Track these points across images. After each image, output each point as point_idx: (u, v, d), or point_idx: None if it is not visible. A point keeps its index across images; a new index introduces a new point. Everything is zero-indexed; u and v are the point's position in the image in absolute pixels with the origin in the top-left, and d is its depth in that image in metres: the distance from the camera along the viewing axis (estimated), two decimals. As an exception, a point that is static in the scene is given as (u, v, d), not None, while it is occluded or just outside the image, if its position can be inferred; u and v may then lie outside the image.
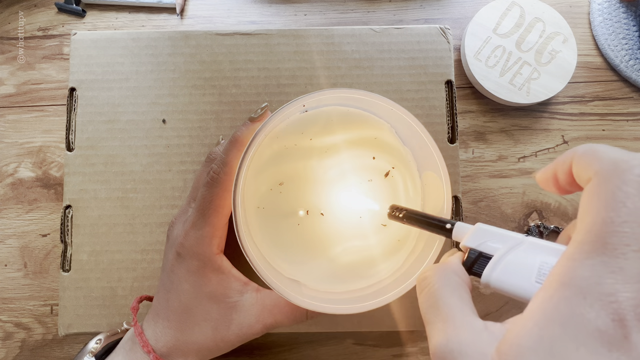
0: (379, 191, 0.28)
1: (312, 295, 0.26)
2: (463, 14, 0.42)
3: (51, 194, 0.39)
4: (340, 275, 0.28)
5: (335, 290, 0.27)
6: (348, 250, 0.28)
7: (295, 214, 0.28)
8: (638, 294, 0.12)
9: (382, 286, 0.26)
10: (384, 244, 0.28)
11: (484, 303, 0.38)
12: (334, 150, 0.29)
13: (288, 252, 0.28)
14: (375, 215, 0.28)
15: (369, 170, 0.29)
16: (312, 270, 0.28)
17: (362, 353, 0.37)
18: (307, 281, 0.27)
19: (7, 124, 0.40)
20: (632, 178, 0.13)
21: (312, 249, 0.28)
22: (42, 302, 0.38)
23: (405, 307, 0.32)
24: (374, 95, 0.26)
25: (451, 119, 0.34)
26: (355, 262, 0.28)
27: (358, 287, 0.27)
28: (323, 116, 0.28)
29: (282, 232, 0.28)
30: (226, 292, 0.27)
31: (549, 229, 0.39)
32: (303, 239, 0.28)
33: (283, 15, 0.42)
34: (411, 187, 0.28)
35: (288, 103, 0.25)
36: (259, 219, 0.28)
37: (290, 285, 0.26)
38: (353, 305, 0.25)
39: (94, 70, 0.34)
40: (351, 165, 0.29)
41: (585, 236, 0.14)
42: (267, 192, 0.28)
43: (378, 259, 0.28)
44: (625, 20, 0.41)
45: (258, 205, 0.28)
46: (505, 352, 0.14)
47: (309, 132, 0.28)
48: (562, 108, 0.41)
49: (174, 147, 0.34)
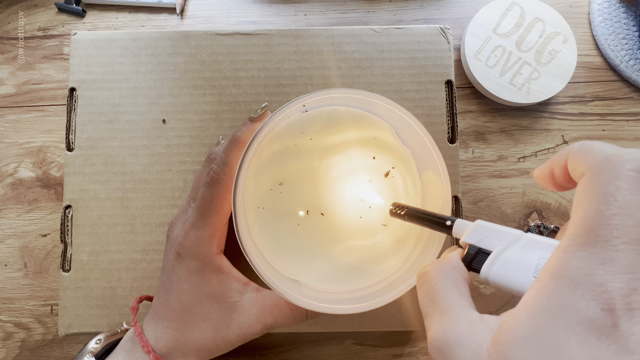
0: (379, 191, 0.28)
1: (312, 295, 0.26)
2: (463, 14, 0.42)
3: (51, 194, 0.39)
4: (340, 275, 0.28)
5: (335, 290, 0.27)
6: (348, 250, 0.28)
7: (296, 214, 0.28)
8: (627, 284, 0.12)
9: (382, 286, 0.26)
10: (384, 244, 0.28)
11: (484, 303, 0.38)
12: (334, 150, 0.29)
13: (288, 252, 0.28)
14: (376, 215, 0.28)
15: (369, 170, 0.29)
16: (312, 270, 0.28)
17: (362, 353, 0.37)
18: (307, 281, 0.27)
19: (7, 124, 0.40)
20: (623, 172, 0.14)
21: (312, 249, 0.28)
22: (42, 302, 0.38)
23: (405, 307, 0.32)
24: (374, 95, 0.26)
25: (451, 119, 0.34)
26: (355, 262, 0.28)
27: (358, 287, 0.27)
28: (323, 116, 0.28)
29: (282, 232, 0.28)
30: (226, 292, 0.27)
31: (549, 228, 0.38)
32: (303, 239, 0.28)
33: (283, 15, 0.42)
34: (411, 187, 0.28)
35: (288, 103, 0.25)
36: (259, 219, 0.28)
37: (290, 285, 0.26)
38: (353, 305, 0.25)
39: (94, 70, 0.34)
40: (351, 165, 0.29)
41: (577, 229, 0.14)
42: (268, 192, 0.28)
43: (378, 259, 0.28)
44: (625, 20, 0.41)
45: (258, 205, 0.28)
46: (500, 342, 0.14)
47: (309, 132, 0.28)
48: (562, 108, 0.41)
49: (174, 147, 0.34)
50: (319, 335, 0.37)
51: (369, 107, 0.28)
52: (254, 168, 0.28)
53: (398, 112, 0.26)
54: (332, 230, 0.28)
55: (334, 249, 0.28)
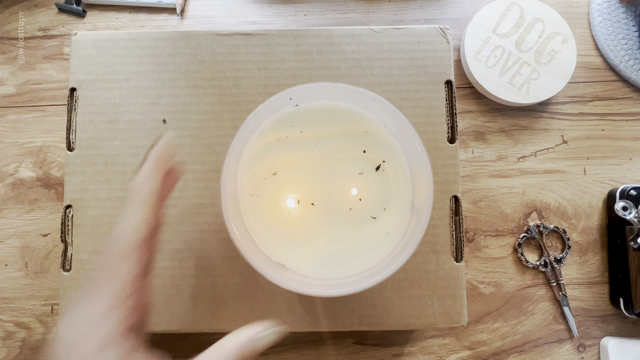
0: (370, 184, 0.29)
1: (295, 278, 0.27)
2: (463, 14, 0.42)
3: (52, 193, 0.39)
4: (327, 263, 0.28)
5: (318, 277, 0.28)
6: (335, 240, 0.29)
7: (287, 203, 0.29)
8: None
9: (366, 275, 0.27)
10: (372, 237, 0.29)
11: (483, 303, 0.38)
12: (325, 143, 0.29)
13: (278, 238, 0.29)
14: (366, 207, 0.29)
15: (360, 163, 0.29)
16: (298, 256, 0.28)
17: (362, 353, 0.37)
18: (292, 266, 0.28)
19: (8, 124, 0.40)
20: None
21: (300, 236, 0.29)
22: (42, 301, 0.38)
23: (405, 307, 0.32)
24: (361, 89, 0.27)
25: (451, 119, 0.34)
26: (341, 251, 0.29)
27: (341, 275, 0.28)
28: (313, 110, 0.29)
29: (274, 220, 0.29)
30: None
31: (549, 228, 0.39)
32: (293, 227, 0.29)
33: (283, 15, 0.42)
34: (402, 180, 0.29)
35: (275, 95, 0.27)
36: (252, 206, 0.29)
37: (275, 268, 0.27)
38: (336, 290, 0.25)
39: (95, 70, 0.34)
40: (342, 158, 0.29)
41: None
42: (262, 181, 0.29)
43: (364, 251, 0.28)
44: (624, 20, 0.41)
45: (252, 193, 0.29)
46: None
47: (299, 125, 0.29)
48: (562, 108, 0.41)
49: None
50: (319, 335, 0.37)
51: (358, 102, 0.29)
52: (248, 158, 0.28)
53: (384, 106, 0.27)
54: (321, 220, 0.29)
55: (322, 238, 0.29)
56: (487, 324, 0.38)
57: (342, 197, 0.29)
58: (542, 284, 0.39)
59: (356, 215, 0.29)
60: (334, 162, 0.29)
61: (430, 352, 0.38)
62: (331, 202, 0.29)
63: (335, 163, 0.29)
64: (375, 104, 0.28)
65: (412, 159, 0.28)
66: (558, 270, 0.38)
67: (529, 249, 0.39)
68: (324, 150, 0.29)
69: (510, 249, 0.39)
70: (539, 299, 0.38)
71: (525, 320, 0.38)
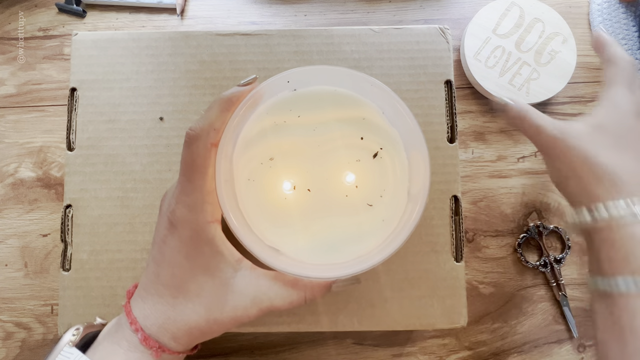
0: (367, 171, 0.29)
1: (288, 262, 0.27)
2: (463, 14, 0.42)
3: (51, 193, 0.39)
4: (322, 249, 0.28)
5: (312, 262, 0.28)
6: (331, 226, 0.29)
7: (283, 188, 0.29)
8: None
9: (360, 260, 0.27)
10: (367, 224, 0.28)
11: (483, 303, 0.38)
12: (323, 129, 0.29)
13: (272, 222, 0.28)
14: (362, 195, 0.29)
15: (358, 149, 0.29)
16: (293, 241, 0.28)
17: (362, 353, 0.37)
18: (286, 251, 0.28)
19: (8, 124, 0.40)
20: None
21: (296, 222, 0.29)
22: (42, 301, 0.38)
23: (405, 307, 0.32)
24: (360, 74, 0.27)
25: (450, 119, 0.34)
26: (336, 238, 0.28)
27: (335, 261, 0.28)
28: (312, 95, 0.29)
29: (269, 204, 0.29)
30: (219, 266, 0.25)
31: (549, 229, 0.39)
32: (288, 212, 0.29)
33: (283, 15, 0.42)
34: (399, 167, 0.29)
35: (274, 77, 0.27)
36: (248, 190, 0.29)
37: (269, 252, 0.27)
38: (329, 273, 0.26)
39: (95, 70, 0.34)
40: (339, 145, 0.29)
41: None
42: (258, 166, 0.29)
43: (359, 238, 0.28)
44: (624, 20, 0.41)
45: (249, 178, 0.29)
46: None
47: (297, 110, 0.29)
48: (562, 108, 0.41)
49: (174, 147, 0.34)
50: (319, 335, 0.37)
51: (356, 88, 0.29)
52: (244, 141, 0.28)
53: (383, 93, 0.27)
54: (317, 206, 0.29)
55: (317, 224, 0.29)
56: (487, 324, 0.38)
57: (338, 184, 0.29)
58: (542, 284, 0.39)
59: (352, 202, 0.29)
60: (331, 149, 0.29)
61: (430, 352, 0.38)
62: (327, 188, 0.29)
63: (332, 149, 0.29)
64: (373, 88, 0.27)
65: (410, 146, 0.28)
66: (558, 270, 0.38)
67: (529, 249, 0.39)
68: (322, 136, 0.29)
69: (510, 249, 0.39)
70: (539, 299, 0.38)
71: (525, 321, 0.38)
